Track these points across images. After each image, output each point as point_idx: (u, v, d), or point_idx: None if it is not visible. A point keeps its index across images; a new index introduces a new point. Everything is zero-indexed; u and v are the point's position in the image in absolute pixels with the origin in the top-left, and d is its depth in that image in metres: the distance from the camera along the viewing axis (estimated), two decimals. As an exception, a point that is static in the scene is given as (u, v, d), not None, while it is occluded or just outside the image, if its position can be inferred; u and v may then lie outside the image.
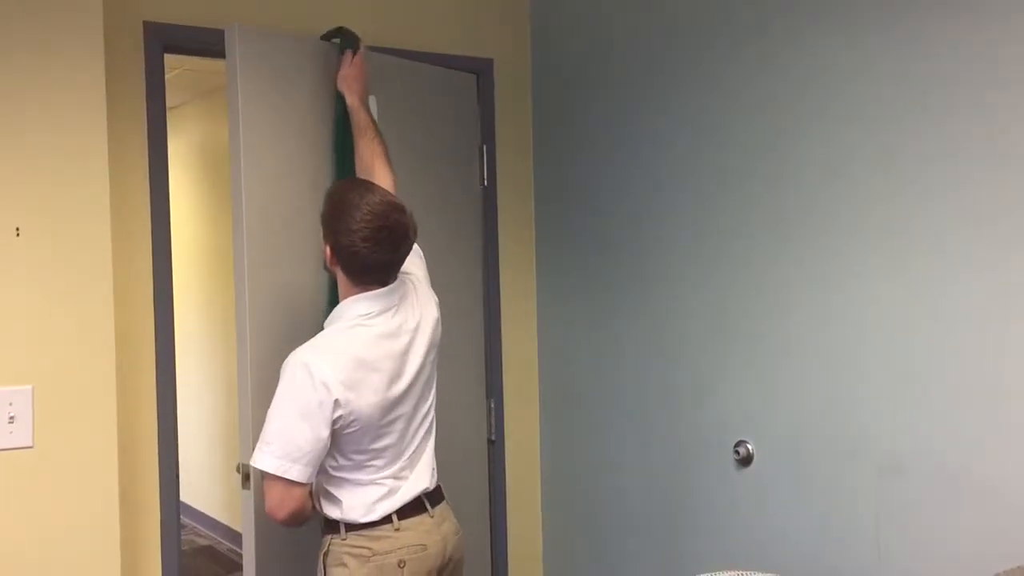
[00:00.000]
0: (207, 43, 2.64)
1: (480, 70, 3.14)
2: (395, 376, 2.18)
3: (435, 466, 2.31)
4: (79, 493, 2.31)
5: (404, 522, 2.20)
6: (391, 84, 2.94)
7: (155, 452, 2.59)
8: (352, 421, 2.10)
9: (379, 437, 2.16)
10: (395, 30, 2.97)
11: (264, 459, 2.08)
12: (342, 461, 2.17)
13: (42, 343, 2.28)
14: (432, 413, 2.33)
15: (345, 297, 2.20)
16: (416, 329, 2.25)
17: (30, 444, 2.27)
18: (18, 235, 2.26)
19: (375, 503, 2.18)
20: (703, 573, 2.16)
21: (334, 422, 2.08)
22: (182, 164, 5.06)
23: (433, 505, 2.27)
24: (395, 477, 2.21)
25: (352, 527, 2.17)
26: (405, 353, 2.21)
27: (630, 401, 2.89)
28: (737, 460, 2.54)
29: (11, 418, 2.24)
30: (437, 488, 2.30)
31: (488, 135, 3.15)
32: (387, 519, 2.18)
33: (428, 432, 2.31)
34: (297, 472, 2.08)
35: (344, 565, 2.17)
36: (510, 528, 3.18)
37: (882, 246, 2.21)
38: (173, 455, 2.61)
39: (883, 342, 2.21)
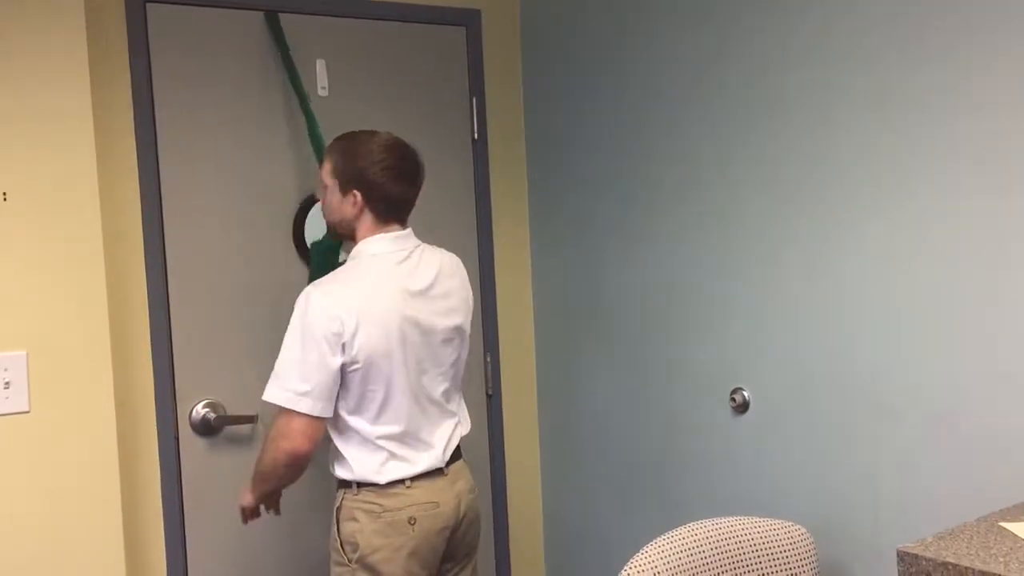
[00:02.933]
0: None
1: (468, 22, 3.09)
2: (410, 317, 2.20)
3: (452, 439, 2.32)
4: (78, 456, 2.32)
5: (416, 480, 2.22)
6: (376, 44, 2.91)
7: (152, 411, 2.59)
8: (356, 353, 2.11)
9: (388, 381, 2.17)
10: (379, -18, 2.92)
11: (274, 392, 2.13)
12: (351, 405, 2.17)
13: (34, 307, 2.28)
14: (456, 398, 2.36)
15: (361, 239, 2.25)
16: (444, 290, 2.30)
17: (27, 409, 2.27)
18: (4, 199, 2.24)
19: (382, 465, 2.19)
20: (701, 519, 2.16)
21: (342, 352, 2.10)
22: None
23: (448, 464, 2.28)
24: (403, 442, 2.20)
25: (364, 483, 2.20)
26: (423, 296, 2.24)
27: (625, 349, 2.89)
28: (733, 407, 2.55)
29: (6, 384, 2.24)
30: (456, 448, 2.32)
31: (477, 88, 3.11)
32: (399, 480, 2.20)
33: (447, 412, 2.32)
34: (306, 405, 2.11)
35: (355, 519, 2.20)
36: (509, 482, 3.20)
37: (878, 186, 2.19)
38: (171, 413, 2.61)
39: (880, 286, 2.20)
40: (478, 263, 3.12)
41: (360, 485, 2.21)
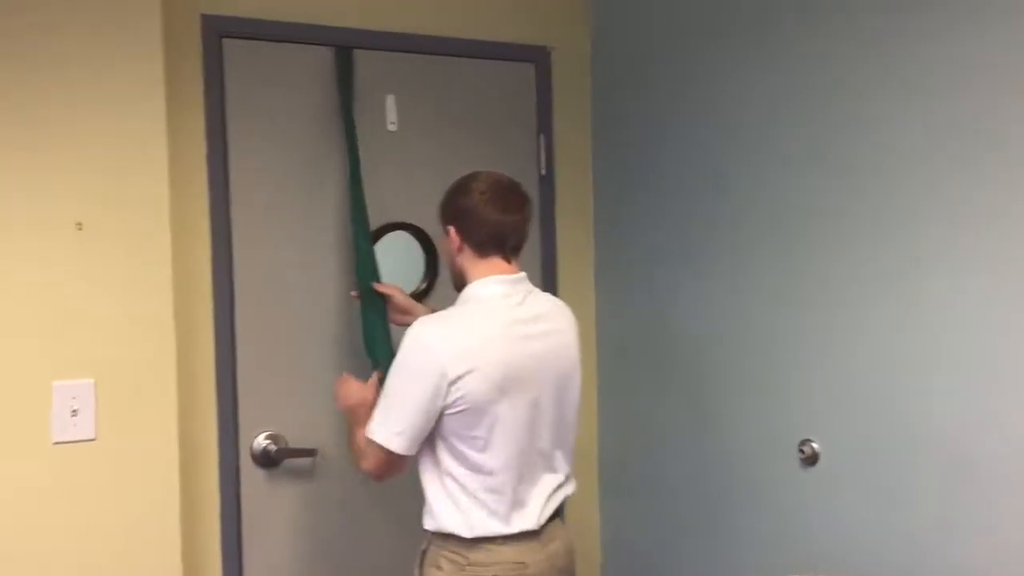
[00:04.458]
0: (263, 32, 2.65)
1: (537, 59, 3.09)
2: (522, 363, 2.12)
3: (552, 499, 2.21)
4: (141, 485, 2.33)
5: (508, 540, 2.13)
6: (446, 80, 2.92)
7: (214, 441, 2.60)
8: (462, 396, 2.05)
9: (491, 429, 2.09)
10: (449, 17, 2.92)
11: (372, 426, 2.13)
12: (450, 450, 2.11)
13: (104, 337, 2.30)
14: (561, 455, 2.24)
15: (471, 281, 2.19)
16: (556, 339, 2.22)
17: (92, 437, 2.29)
18: (80, 229, 2.27)
19: (473, 519, 2.11)
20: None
21: (446, 395, 2.05)
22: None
23: (544, 525, 2.18)
24: (499, 495, 2.11)
25: (451, 535, 2.13)
26: (537, 352, 2.16)
27: (689, 394, 2.84)
28: (802, 459, 2.48)
29: (74, 411, 2.26)
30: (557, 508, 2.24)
31: (545, 125, 3.10)
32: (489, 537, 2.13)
33: (551, 468, 2.21)
34: (396, 444, 2.10)
35: (439, 568, 2.14)
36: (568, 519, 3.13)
37: (963, 239, 2.12)
38: (233, 444, 2.61)
39: (958, 338, 2.13)
40: (542, 299, 3.10)
41: (447, 535, 2.14)
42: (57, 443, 2.25)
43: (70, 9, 2.26)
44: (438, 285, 2.88)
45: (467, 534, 2.11)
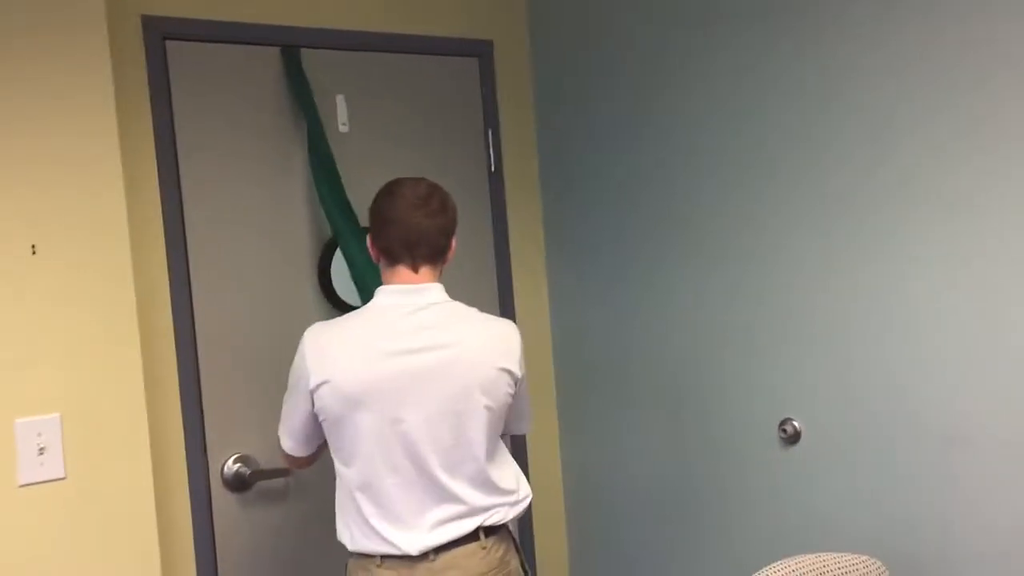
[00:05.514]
0: (207, 33, 2.51)
1: (481, 53, 3.03)
2: (394, 385, 2.02)
3: (449, 527, 2.06)
4: (116, 522, 2.19)
5: (388, 560, 2.05)
6: (393, 78, 2.84)
7: (183, 467, 2.46)
8: (320, 406, 2.06)
9: (356, 444, 2.03)
10: (392, 13, 2.84)
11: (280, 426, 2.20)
12: (338, 455, 2.11)
13: (66, 367, 2.14)
14: (467, 481, 2.07)
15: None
16: (445, 355, 2.05)
17: (62, 475, 2.13)
18: (34, 253, 2.10)
19: (356, 531, 2.08)
20: (777, 561, 2.11)
21: (310, 401, 2.07)
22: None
23: (439, 551, 2.05)
24: (382, 512, 2.04)
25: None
26: (407, 365, 2.04)
27: (660, 381, 2.84)
28: (783, 439, 2.51)
29: (41, 449, 2.10)
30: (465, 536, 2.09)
31: (492, 120, 3.05)
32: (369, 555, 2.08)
33: (449, 497, 2.05)
34: (288, 445, 2.18)
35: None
36: (536, 535, 3.10)
37: (938, 212, 2.18)
38: (203, 469, 2.49)
39: (942, 311, 2.19)
40: (498, 298, 3.05)
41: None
42: (24, 485, 2.08)
43: (11, 21, 2.09)
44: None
45: (350, 547, 2.10)
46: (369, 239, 2.15)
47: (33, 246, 2.10)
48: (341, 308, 2.63)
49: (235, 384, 2.54)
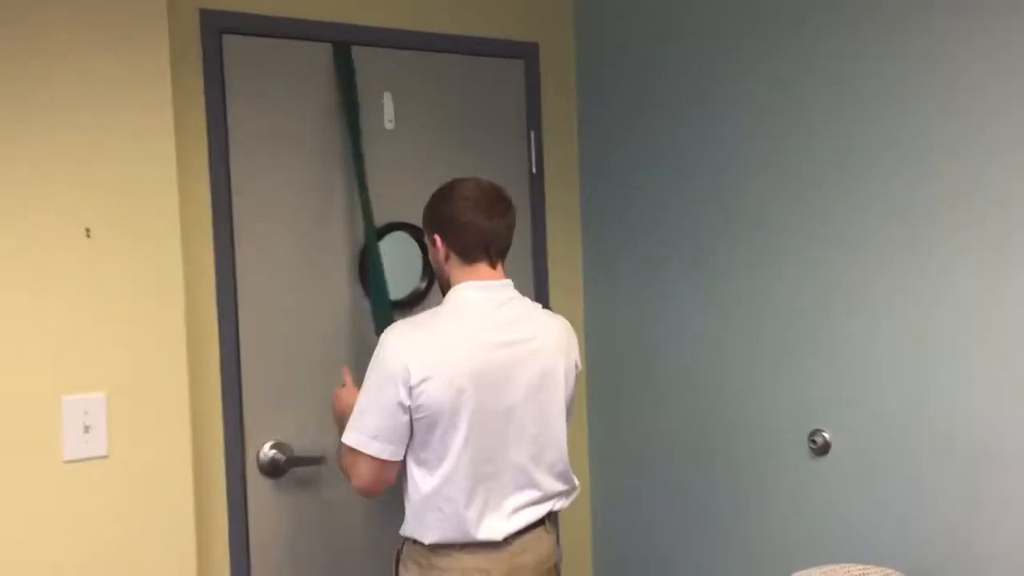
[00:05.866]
0: (262, 28, 2.57)
1: (526, 55, 3.07)
2: (490, 375, 2.10)
3: (526, 512, 2.18)
4: (155, 501, 2.24)
5: (468, 547, 2.12)
6: (440, 77, 2.88)
7: (220, 452, 2.52)
8: (423, 403, 2.04)
9: (453, 438, 2.07)
10: (441, 13, 2.89)
11: (349, 434, 2.12)
12: (416, 456, 2.11)
13: (113, 348, 2.19)
14: (545, 469, 2.19)
15: (454, 286, 2.19)
16: (531, 348, 2.17)
17: (105, 453, 2.19)
18: (88, 236, 2.16)
19: (433, 524, 2.11)
20: (796, 573, 2.14)
21: (410, 398, 2.05)
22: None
23: (516, 535, 2.16)
24: (464, 503, 2.09)
25: (416, 540, 2.15)
26: (512, 362, 2.13)
27: (690, 386, 2.86)
28: (813, 450, 2.53)
29: (86, 427, 2.16)
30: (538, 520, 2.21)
31: (535, 121, 3.08)
32: (449, 544, 2.12)
33: (530, 483, 2.17)
34: (375, 448, 2.09)
35: (407, 569, 2.17)
36: (563, 535, 3.12)
37: (973, 226, 2.19)
38: (240, 455, 2.54)
39: (974, 325, 2.20)
40: (534, 295, 3.08)
41: (413, 540, 2.16)
42: (69, 461, 2.15)
43: (73, 13, 2.15)
44: (436, 284, 2.84)
45: (426, 540, 2.12)
46: (438, 240, 2.19)
47: (87, 229, 2.16)
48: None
49: (274, 372, 2.60)
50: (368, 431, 2.09)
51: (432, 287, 2.83)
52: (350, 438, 2.11)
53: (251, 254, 2.56)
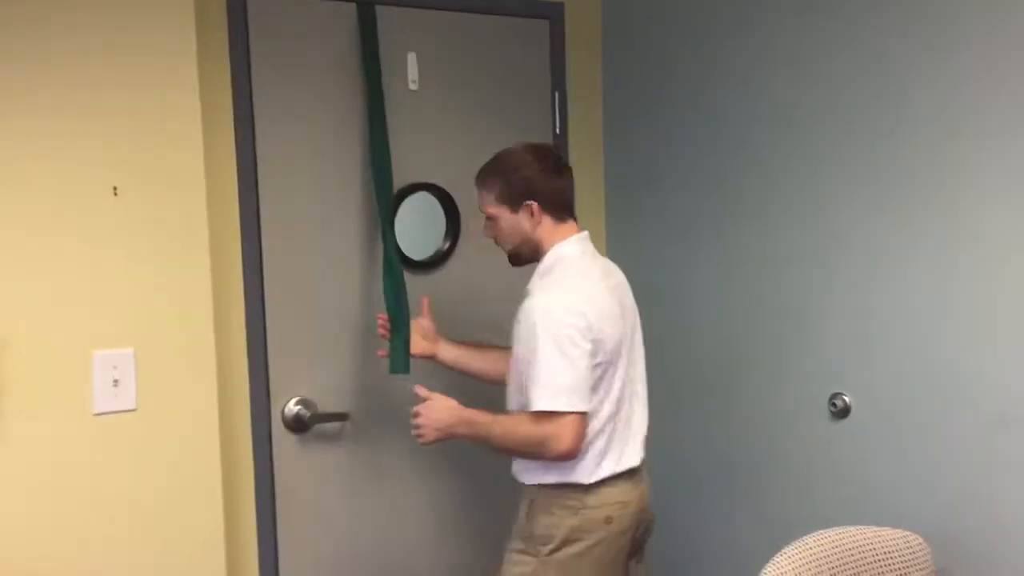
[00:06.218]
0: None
1: (552, 15, 3.05)
2: (619, 315, 2.25)
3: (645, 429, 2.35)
4: (181, 455, 2.29)
5: (616, 479, 2.24)
6: (464, 37, 2.87)
7: (246, 407, 2.56)
8: (601, 346, 2.16)
9: (615, 372, 2.22)
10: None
11: (547, 400, 2.12)
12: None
13: (142, 305, 2.23)
14: (644, 388, 2.37)
15: (550, 247, 2.27)
16: (625, 289, 2.38)
17: (133, 407, 2.23)
18: (116, 195, 2.19)
19: (592, 462, 2.20)
20: (813, 527, 2.15)
21: (592, 346, 2.14)
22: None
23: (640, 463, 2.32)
24: (616, 432, 2.24)
25: (568, 483, 2.21)
26: (622, 300, 2.31)
27: (713, 352, 2.87)
28: (833, 413, 2.54)
29: (115, 381, 2.20)
30: None
31: (559, 82, 3.07)
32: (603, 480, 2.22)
33: (643, 400, 2.36)
34: (579, 403, 2.14)
35: (551, 514, 2.22)
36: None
37: (996, 189, 2.18)
38: (265, 410, 2.58)
39: (994, 288, 2.19)
40: (556, 259, 3.09)
41: (563, 485, 2.21)
42: (98, 414, 2.19)
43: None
44: (460, 245, 2.86)
45: (587, 480, 2.20)
46: (535, 206, 2.25)
47: (115, 188, 2.19)
48: (404, 262, 2.68)
49: (299, 329, 2.63)
50: (566, 390, 2.12)
51: (455, 248, 2.85)
52: (557, 402, 2.12)
53: (276, 211, 2.59)
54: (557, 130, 3.07)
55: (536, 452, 2.18)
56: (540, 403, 2.12)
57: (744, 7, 2.70)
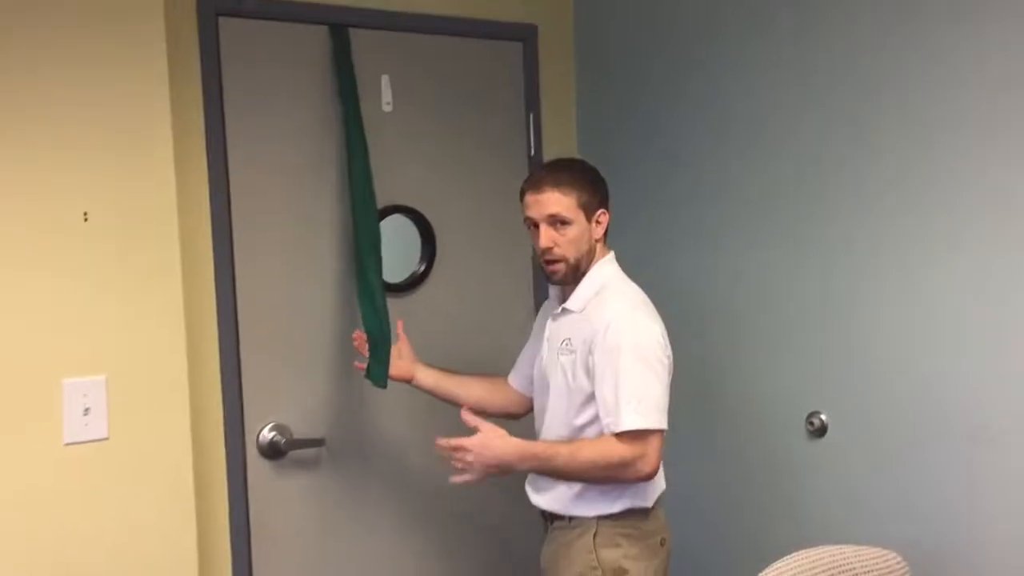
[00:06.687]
0: (259, 10, 2.56)
1: (525, 37, 3.06)
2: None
3: None
4: (155, 484, 2.26)
5: (659, 500, 2.26)
6: (438, 59, 2.87)
7: (219, 434, 2.53)
8: (670, 367, 2.20)
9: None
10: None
11: (637, 418, 2.07)
12: None
13: (113, 331, 2.21)
14: None
15: (594, 263, 2.28)
16: None
17: (105, 436, 2.20)
18: (86, 220, 2.17)
19: (657, 483, 2.21)
20: (790, 554, 2.13)
21: (669, 366, 2.18)
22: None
23: None
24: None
25: (632, 510, 2.19)
26: None
27: (689, 370, 2.86)
28: (810, 431, 2.54)
29: (86, 410, 2.17)
30: None
31: (534, 104, 3.08)
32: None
33: None
34: (665, 420, 2.13)
35: (618, 546, 2.18)
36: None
37: (970, 208, 2.19)
38: (239, 437, 2.55)
39: (969, 305, 2.20)
40: (532, 278, 3.08)
41: (623, 512, 2.18)
42: (69, 444, 2.16)
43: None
44: (435, 268, 2.85)
45: (650, 503, 2.21)
46: (607, 216, 2.30)
47: (85, 213, 2.16)
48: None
49: (273, 355, 2.61)
50: (656, 407, 2.10)
51: (430, 272, 2.84)
52: (649, 419, 2.08)
53: (249, 237, 2.57)
54: (532, 151, 3.07)
55: (617, 475, 2.10)
56: (631, 422, 2.06)
57: (714, 29, 2.72)
